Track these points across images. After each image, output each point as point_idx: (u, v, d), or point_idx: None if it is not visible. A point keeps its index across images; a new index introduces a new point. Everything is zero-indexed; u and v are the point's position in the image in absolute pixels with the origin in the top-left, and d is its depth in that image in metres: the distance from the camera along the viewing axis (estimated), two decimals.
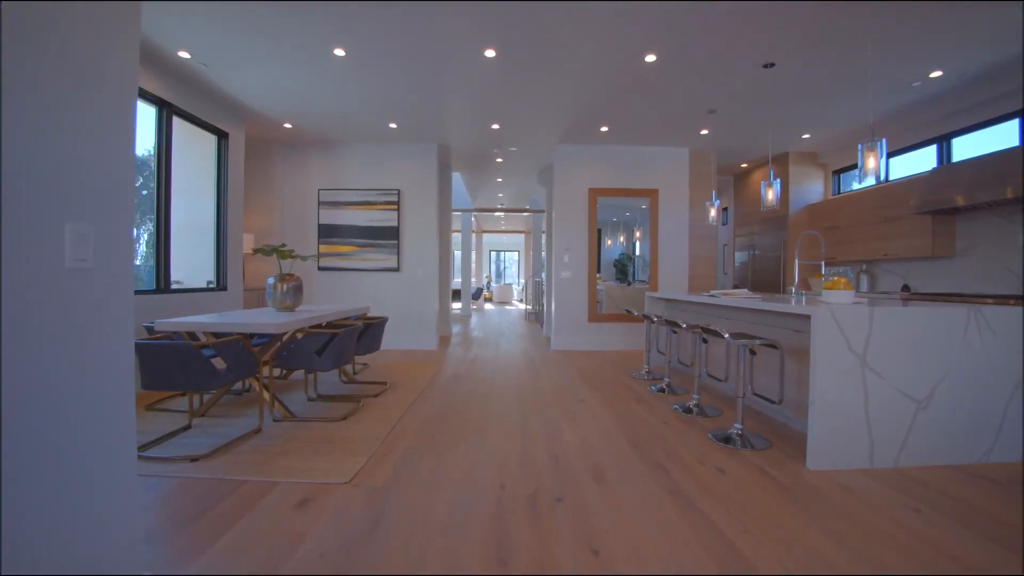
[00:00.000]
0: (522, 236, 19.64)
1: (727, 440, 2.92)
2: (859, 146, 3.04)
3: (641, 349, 6.52)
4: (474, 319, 11.53)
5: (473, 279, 18.70)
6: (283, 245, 3.67)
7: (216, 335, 2.98)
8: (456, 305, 14.42)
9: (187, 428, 3.07)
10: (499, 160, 7.43)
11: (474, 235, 17.91)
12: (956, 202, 4.45)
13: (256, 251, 3.62)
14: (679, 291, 6.53)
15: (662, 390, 4.20)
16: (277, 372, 4.33)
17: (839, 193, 6.90)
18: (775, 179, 4.17)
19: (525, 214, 13.25)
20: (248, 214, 6.42)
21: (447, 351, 6.39)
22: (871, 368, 2.53)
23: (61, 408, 1.13)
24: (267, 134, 6.15)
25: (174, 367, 2.56)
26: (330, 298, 6.51)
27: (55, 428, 1.11)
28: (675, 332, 4.70)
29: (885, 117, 5.28)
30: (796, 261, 3.94)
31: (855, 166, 6.59)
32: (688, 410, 3.58)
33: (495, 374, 4.89)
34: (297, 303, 3.84)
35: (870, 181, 3.00)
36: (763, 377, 3.43)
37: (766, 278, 7.39)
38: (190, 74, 4.45)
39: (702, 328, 3.16)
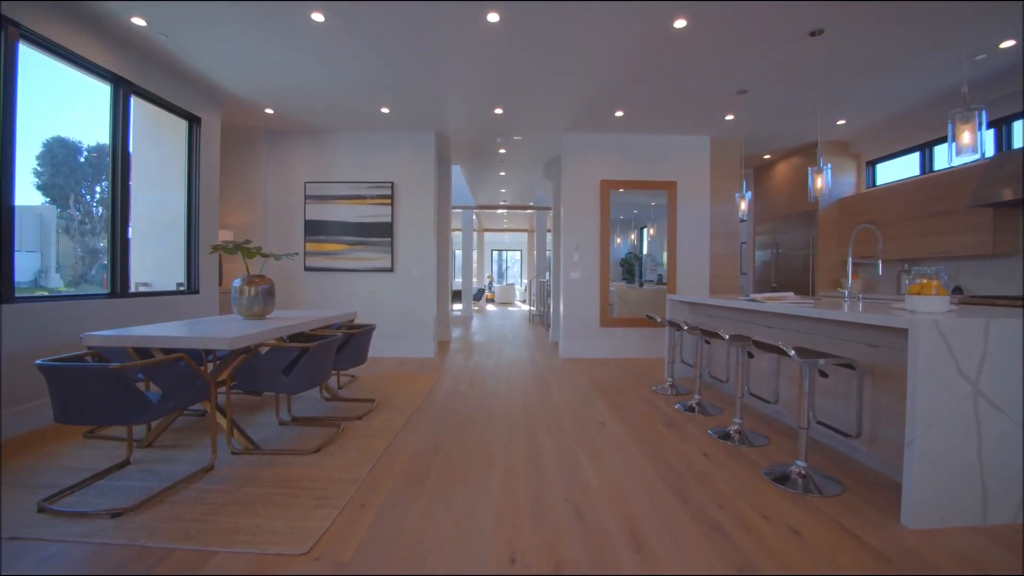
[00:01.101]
0: (525, 235, 19.08)
1: (786, 480, 2.36)
2: (949, 120, 2.47)
3: (658, 357, 5.95)
4: (475, 322, 10.97)
5: (474, 279, 18.16)
6: (247, 241, 3.11)
7: (167, 351, 2.42)
8: (457, 307, 13.87)
9: (124, 464, 2.52)
10: (502, 151, 6.86)
11: (475, 234, 17.36)
12: None
13: (216, 248, 3.06)
14: (698, 292, 5.96)
15: (691, 409, 3.63)
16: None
17: (874, 186, 6.31)
18: (825, 165, 3.60)
19: (528, 211, 12.69)
20: (227, 209, 5.87)
21: (446, 359, 5.82)
22: (986, 398, 1.95)
23: None
24: (248, 121, 5.60)
25: (92, 395, 2.00)
26: (317, 302, 5.96)
27: None
28: (708, 343, 4.12)
29: (935, 98, 4.70)
30: (850, 260, 3.37)
31: (892, 156, 6.01)
32: (727, 436, 3.01)
33: (499, 388, 4.33)
34: (267, 309, 3.28)
35: (969, 158, 2.42)
36: (825, 401, 2.86)
37: (791, 279, 6.80)
38: (151, 47, 3.89)
39: (755, 342, 2.59)
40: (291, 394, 2.74)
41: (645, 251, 6.65)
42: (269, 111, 5.27)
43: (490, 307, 15.82)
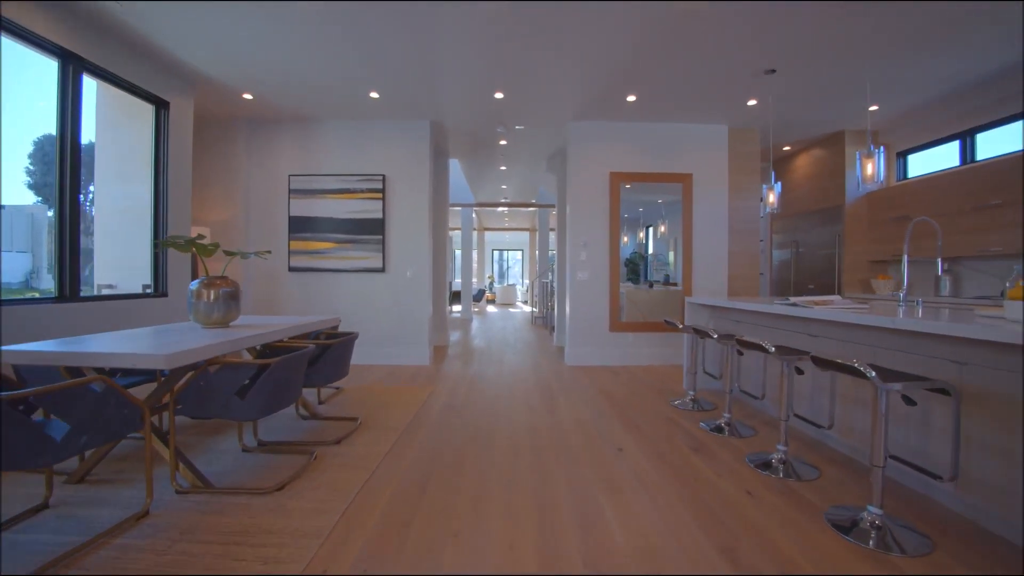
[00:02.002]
0: (526, 234, 18.61)
1: (854, 529, 1.89)
2: None
3: (672, 364, 5.48)
4: (475, 324, 10.51)
5: (474, 280, 17.71)
6: (200, 237, 2.65)
7: (111, 371, 1.96)
8: (456, 308, 13.41)
9: (42, 508, 2.05)
10: (503, 142, 6.40)
11: (476, 233, 16.91)
12: None
13: (164, 244, 2.59)
14: (714, 294, 5.49)
15: (720, 429, 3.16)
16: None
17: (905, 178, 5.84)
18: (876, 148, 3.13)
19: (530, 209, 12.22)
20: (204, 204, 5.41)
21: (442, 367, 5.36)
22: None
23: None
24: (225, 109, 5.14)
25: None
26: (302, 305, 5.49)
27: None
28: (741, 353, 3.64)
29: (986, 77, 4.22)
30: (905, 259, 2.91)
31: (926, 145, 5.54)
32: (768, 465, 2.55)
33: (499, 402, 3.86)
34: (230, 316, 2.82)
35: None
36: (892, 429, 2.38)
37: (813, 279, 6.33)
38: (108, 19, 3.43)
39: (816, 359, 2.11)
40: (246, 420, 2.27)
41: (651, 250, 6.19)
42: (247, 96, 4.81)
43: (491, 308, 15.36)
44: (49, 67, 3.32)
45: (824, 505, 2.14)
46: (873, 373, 1.80)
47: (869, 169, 3.17)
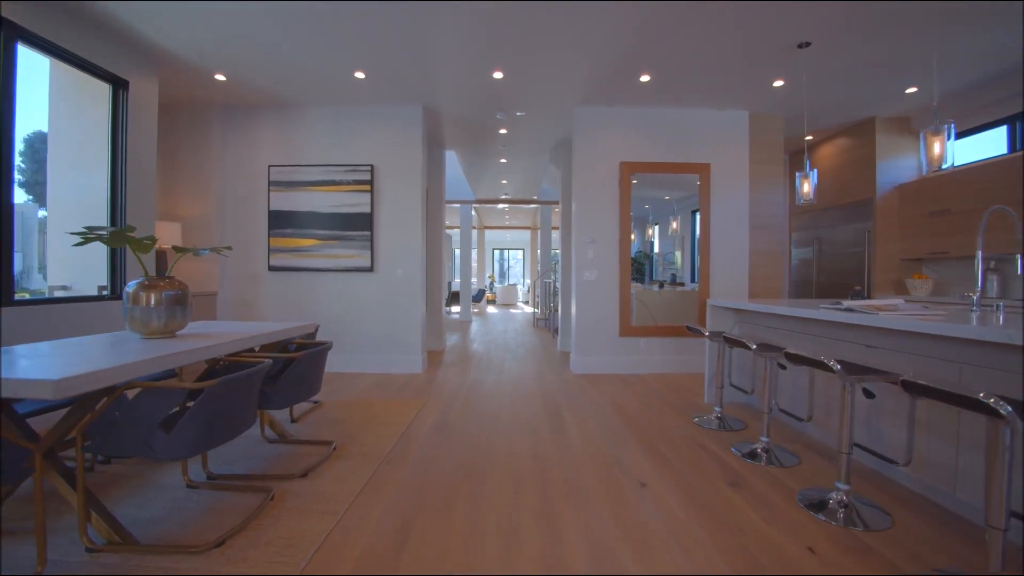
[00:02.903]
0: (528, 232, 18.14)
1: None
2: None
3: (689, 373, 5.00)
4: (474, 326, 10.04)
5: (474, 280, 17.25)
6: (131, 228, 2.18)
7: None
8: (455, 309, 12.95)
9: None
10: (502, 131, 5.92)
11: (476, 231, 16.45)
12: None
13: (84, 237, 2.12)
14: (733, 295, 5.02)
15: (755, 455, 2.69)
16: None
17: (943, 168, 5.34)
18: (944, 123, 2.65)
19: (532, 205, 11.76)
20: (175, 198, 4.94)
21: (436, 376, 4.89)
22: None
23: None
24: (197, 92, 4.67)
25: None
26: (283, 309, 5.03)
27: None
28: (784, 367, 3.15)
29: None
30: (979, 255, 2.44)
31: (969, 132, 5.06)
32: (823, 505, 2.08)
33: (499, 421, 3.38)
34: (175, 325, 2.35)
35: None
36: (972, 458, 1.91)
37: (839, 280, 5.85)
38: None
39: (909, 383, 1.63)
40: (174, 461, 1.80)
41: (656, 249, 5.72)
42: (220, 77, 4.34)
43: (491, 309, 14.90)
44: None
45: (911, 569, 1.67)
46: (1009, 409, 1.32)
47: (936, 148, 2.70)
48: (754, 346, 2.62)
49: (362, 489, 2.28)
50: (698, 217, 5.26)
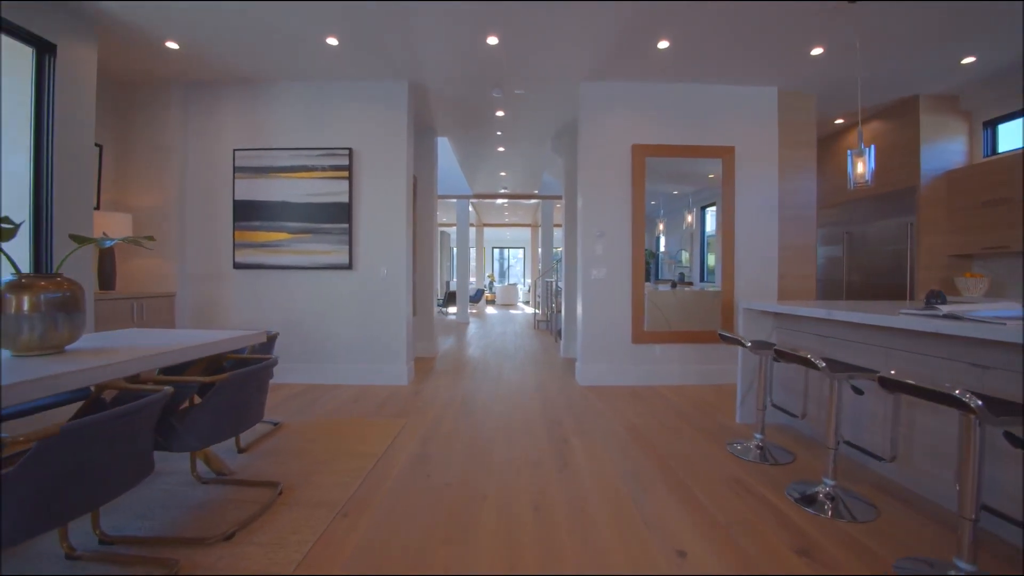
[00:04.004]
0: (528, 230, 17.54)
1: None
2: None
3: (708, 383, 4.40)
4: (472, 328, 9.45)
5: (473, 279, 16.68)
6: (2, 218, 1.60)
7: None
8: (452, 310, 12.36)
9: None
10: (500, 114, 5.33)
11: (474, 229, 15.88)
12: None
13: None
14: (759, 295, 4.43)
15: (815, 502, 2.10)
16: None
17: (994, 153, 4.75)
18: None
19: (532, 201, 11.16)
20: (127, 187, 4.35)
21: (423, 388, 4.29)
22: None
23: None
24: (154, 67, 4.08)
25: None
26: (249, 312, 4.43)
27: None
28: (860, 392, 2.54)
29: None
30: None
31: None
32: None
33: (492, 451, 2.79)
34: (57, 339, 1.78)
35: None
36: None
37: (873, 280, 5.25)
38: None
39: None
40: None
41: (663, 248, 5.12)
42: (172, 45, 3.75)
43: (490, 310, 14.31)
44: None
45: None
46: None
47: None
48: (822, 364, 2.01)
49: (304, 558, 1.68)
50: (708, 213, 4.68)
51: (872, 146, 3.04)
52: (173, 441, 1.76)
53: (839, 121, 5.53)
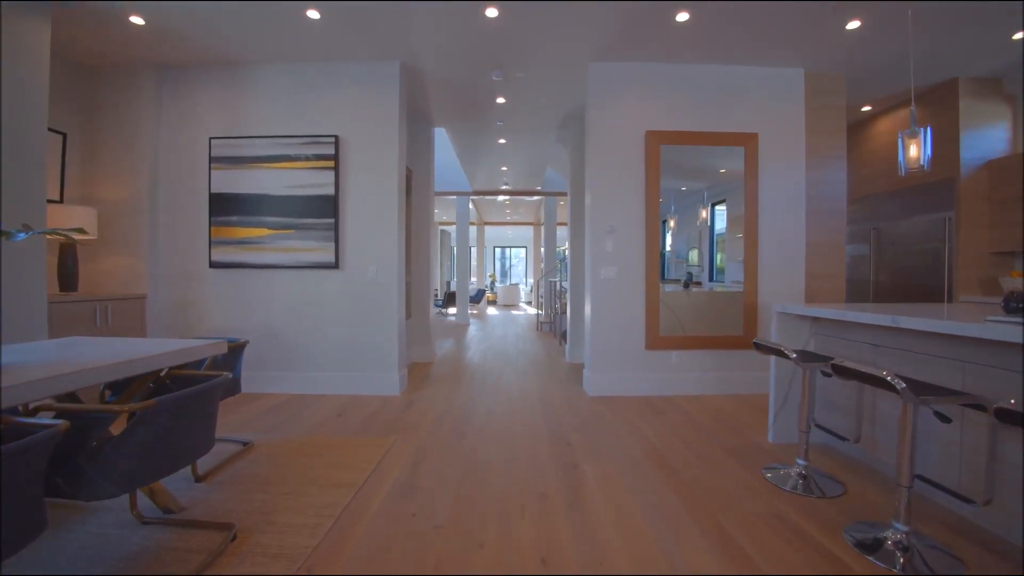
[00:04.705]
0: (530, 229, 17.15)
1: None
2: None
3: (730, 393, 4.01)
4: (472, 329, 9.07)
5: (474, 279, 16.31)
6: None
7: None
8: (451, 311, 11.98)
9: None
10: (500, 100, 4.94)
11: (475, 228, 15.51)
12: None
13: None
14: (787, 298, 4.04)
15: (880, 549, 1.71)
16: None
17: None
18: None
19: (535, 197, 10.77)
20: (93, 178, 3.98)
21: (416, 399, 3.91)
22: None
23: None
24: (123, 48, 3.70)
25: None
26: (226, 316, 4.06)
27: None
28: (948, 421, 2.13)
29: None
30: None
31: None
32: None
33: (489, 479, 2.41)
34: None
35: None
36: None
37: (904, 281, 4.85)
38: None
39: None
40: None
41: (668, 247, 4.72)
42: (136, 20, 3.38)
43: (491, 311, 13.93)
44: None
45: None
46: None
47: None
48: (901, 385, 1.62)
49: None
50: (718, 210, 4.28)
51: (928, 127, 2.64)
52: (82, 488, 1.38)
53: (866, 108, 5.13)
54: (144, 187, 4.01)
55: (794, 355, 2.21)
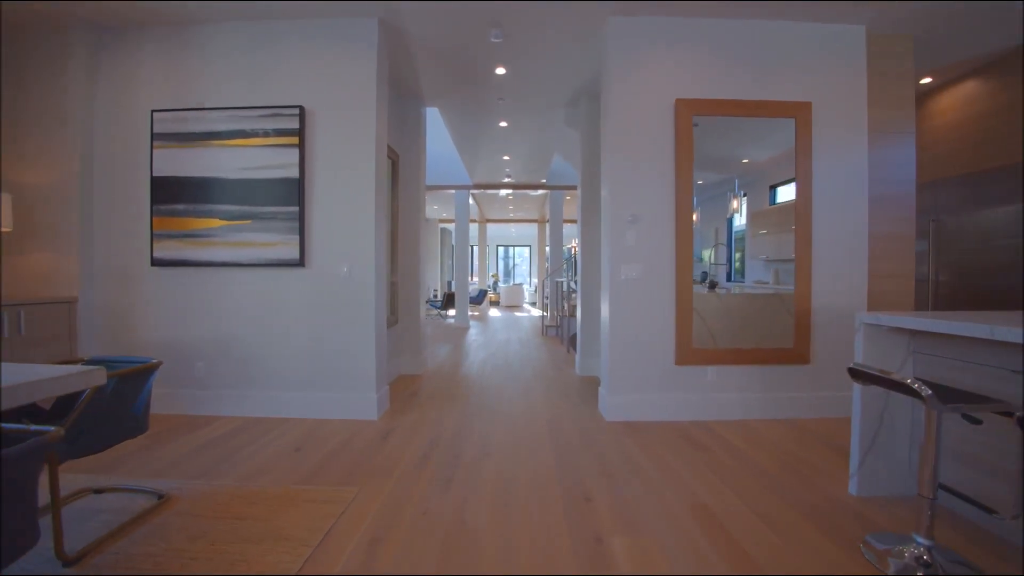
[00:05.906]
0: (535, 227, 16.45)
1: None
2: None
3: (779, 418, 3.30)
4: (472, 333, 8.39)
5: (476, 279, 15.64)
6: None
7: None
8: (451, 313, 11.31)
9: None
10: (500, 71, 4.25)
11: (477, 226, 14.83)
12: None
13: None
14: (846, 303, 3.33)
15: None
16: None
17: None
18: None
19: (539, 192, 10.07)
20: (13, 159, 3.33)
21: (395, 426, 3.23)
22: None
23: None
24: (47, 4, 3.04)
25: None
26: (172, 323, 3.39)
27: None
28: None
29: None
30: None
31: None
32: None
33: (483, 564, 1.72)
34: None
35: None
36: None
37: (971, 282, 4.12)
38: None
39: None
40: None
41: None
42: None
43: (493, 312, 13.25)
44: None
45: None
46: None
47: None
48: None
49: None
50: (739, 204, 3.59)
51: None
52: None
53: (925, 80, 4.41)
54: (73, 170, 3.34)
55: (928, 392, 1.50)
